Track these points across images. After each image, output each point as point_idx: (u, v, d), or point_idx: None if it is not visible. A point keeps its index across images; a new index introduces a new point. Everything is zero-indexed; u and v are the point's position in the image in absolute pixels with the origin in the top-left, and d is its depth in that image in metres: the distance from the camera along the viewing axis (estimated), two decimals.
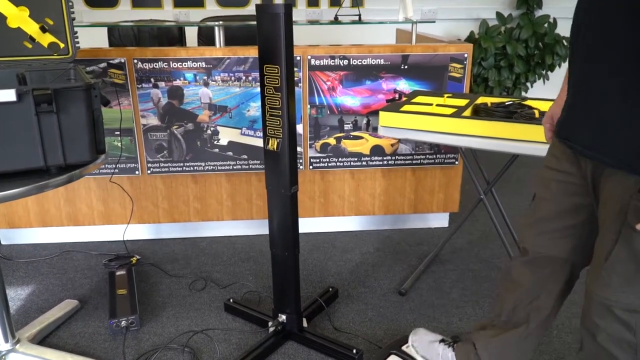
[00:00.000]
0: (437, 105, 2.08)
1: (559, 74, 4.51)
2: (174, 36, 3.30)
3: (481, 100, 2.13)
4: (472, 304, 2.19)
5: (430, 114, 1.92)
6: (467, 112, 2.00)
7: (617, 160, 1.13)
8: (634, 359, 1.23)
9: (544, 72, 4.59)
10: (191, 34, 3.68)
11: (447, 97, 2.20)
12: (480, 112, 2.04)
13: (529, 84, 4.68)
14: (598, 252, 1.24)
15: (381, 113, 2.00)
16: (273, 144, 1.72)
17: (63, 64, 1.88)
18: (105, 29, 3.37)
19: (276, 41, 1.62)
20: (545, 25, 4.47)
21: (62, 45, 1.90)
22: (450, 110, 1.98)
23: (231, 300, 2.14)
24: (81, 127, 1.52)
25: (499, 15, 4.54)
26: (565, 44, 4.44)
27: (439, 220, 2.90)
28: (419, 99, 2.22)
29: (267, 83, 1.68)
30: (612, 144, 1.13)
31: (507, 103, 2.10)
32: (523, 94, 4.67)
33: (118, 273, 2.33)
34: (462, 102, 2.11)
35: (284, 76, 1.65)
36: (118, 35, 3.25)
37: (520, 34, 4.47)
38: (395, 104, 2.12)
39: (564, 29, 4.53)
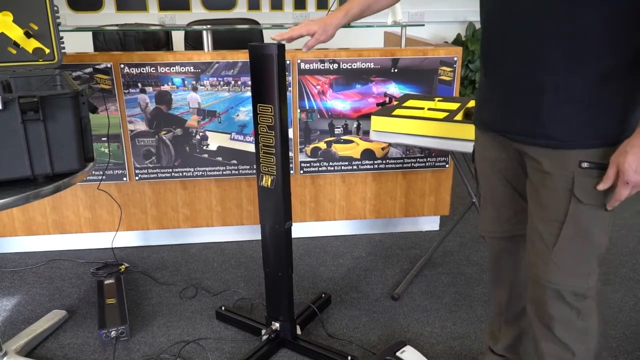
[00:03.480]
0: (429, 109, 2.08)
1: None
2: (160, 40, 3.26)
3: (472, 104, 2.13)
4: (466, 308, 2.18)
5: (423, 118, 1.91)
6: (459, 116, 1.99)
7: (555, 141, 1.21)
8: (587, 348, 1.35)
9: None
10: (178, 37, 3.65)
11: (438, 100, 2.20)
12: (471, 116, 2.04)
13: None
14: (542, 239, 1.29)
15: (373, 117, 1.99)
16: (267, 181, 1.73)
17: (49, 70, 1.85)
18: (90, 32, 3.31)
19: (269, 81, 1.63)
20: None
21: (47, 50, 1.86)
22: (442, 114, 1.98)
23: (223, 308, 2.11)
24: (69, 135, 1.48)
25: None
26: None
27: (430, 224, 2.90)
28: (410, 102, 2.21)
29: (260, 121, 1.68)
30: (548, 129, 1.21)
31: None
32: None
33: (106, 282, 2.29)
34: (454, 106, 2.11)
35: (277, 115, 1.65)
36: (103, 39, 3.20)
37: None
38: (386, 108, 2.11)
39: None
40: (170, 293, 2.31)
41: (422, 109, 2.07)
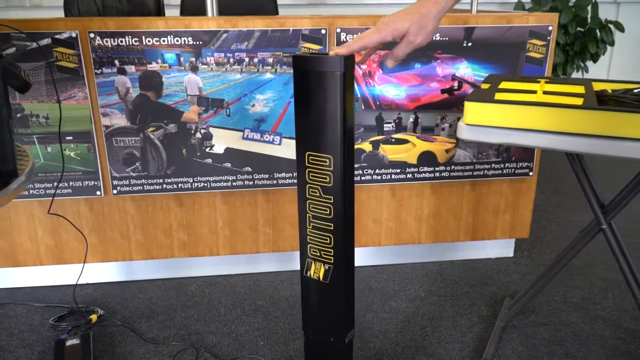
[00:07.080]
0: (544, 92, 1.40)
1: (600, 66, 4.08)
2: (150, 11, 2.58)
3: (601, 86, 1.46)
4: None
5: (557, 106, 1.23)
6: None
7: None
8: None
9: (582, 63, 3.96)
10: (172, 9, 2.98)
11: (545, 82, 1.52)
12: (608, 102, 1.36)
13: (564, 77, 4.06)
14: None
15: (467, 104, 1.31)
16: (318, 271, 1.10)
17: None
18: (62, 5, 2.63)
19: (328, 118, 1.00)
20: (589, 7, 3.83)
21: None
22: (576, 100, 1.30)
23: None
24: None
25: None
26: (612, 28, 3.82)
27: (501, 249, 2.23)
28: (504, 84, 1.54)
29: (310, 180, 1.06)
30: None
31: (636, 90, 1.43)
32: None
33: (69, 342, 1.60)
34: (576, 89, 1.43)
35: (339, 172, 1.02)
36: (77, 10, 2.52)
37: (559, 18, 3.82)
38: (483, 91, 1.43)
39: (606, 12, 3.94)
40: (161, 357, 1.62)
41: (535, 92, 1.39)
